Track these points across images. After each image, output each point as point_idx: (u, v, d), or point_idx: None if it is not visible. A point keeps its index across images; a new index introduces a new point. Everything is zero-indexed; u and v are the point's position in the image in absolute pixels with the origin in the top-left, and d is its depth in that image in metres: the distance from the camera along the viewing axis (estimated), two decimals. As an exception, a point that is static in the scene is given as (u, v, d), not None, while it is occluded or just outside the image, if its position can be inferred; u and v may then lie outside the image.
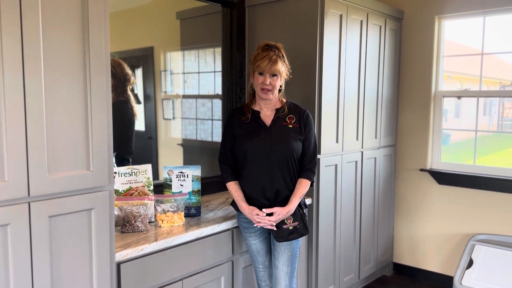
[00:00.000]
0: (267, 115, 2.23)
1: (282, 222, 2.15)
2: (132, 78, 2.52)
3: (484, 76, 3.39)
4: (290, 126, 2.21)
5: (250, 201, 2.21)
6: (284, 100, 2.27)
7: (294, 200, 2.18)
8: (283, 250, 2.20)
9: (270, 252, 2.29)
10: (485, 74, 3.39)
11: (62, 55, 1.52)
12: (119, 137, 2.47)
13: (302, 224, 2.19)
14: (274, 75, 2.13)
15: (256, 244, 2.26)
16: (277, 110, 2.24)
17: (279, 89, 2.21)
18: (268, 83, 2.12)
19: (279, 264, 2.21)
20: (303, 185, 2.21)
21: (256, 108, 2.25)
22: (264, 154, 2.15)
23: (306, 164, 2.25)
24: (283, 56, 2.16)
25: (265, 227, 2.17)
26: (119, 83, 2.47)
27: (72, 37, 1.54)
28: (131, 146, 2.58)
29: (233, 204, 2.30)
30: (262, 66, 2.10)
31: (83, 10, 1.56)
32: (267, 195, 2.18)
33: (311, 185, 2.27)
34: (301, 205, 2.25)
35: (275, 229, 2.16)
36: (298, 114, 2.25)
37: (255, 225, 2.21)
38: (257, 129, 2.20)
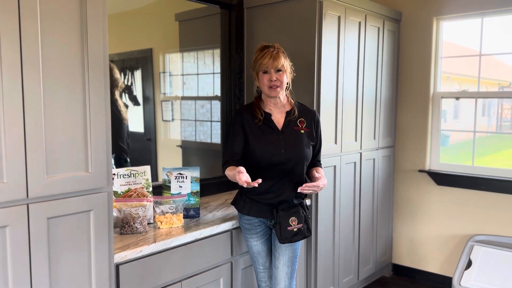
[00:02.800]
0: (277, 118, 2.17)
1: (287, 223, 2.13)
2: (121, 82, 2.50)
3: (483, 77, 3.40)
4: (302, 131, 2.17)
5: (254, 203, 2.19)
6: (293, 101, 2.23)
7: (323, 176, 2.15)
8: (284, 251, 2.20)
9: (271, 253, 2.29)
10: (483, 75, 3.39)
11: (61, 57, 1.53)
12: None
13: (306, 226, 2.17)
14: (279, 70, 2.09)
15: (257, 245, 2.25)
16: (287, 113, 2.18)
17: (287, 86, 2.17)
18: (275, 79, 2.08)
19: (280, 265, 2.21)
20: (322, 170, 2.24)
21: (266, 110, 2.19)
22: (277, 163, 2.11)
23: (315, 157, 2.28)
24: (283, 52, 2.13)
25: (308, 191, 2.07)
26: None
27: (70, 40, 1.55)
28: (123, 146, 2.56)
29: (235, 204, 2.29)
30: (264, 62, 2.07)
31: (81, 12, 1.57)
32: (272, 202, 2.16)
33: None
34: (305, 207, 2.23)
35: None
36: (308, 117, 2.21)
37: (256, 227, 2.22)
38: (269, 134, 2.13)
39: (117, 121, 2.50)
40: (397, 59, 3.59)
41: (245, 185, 1.89)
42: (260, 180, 1.91)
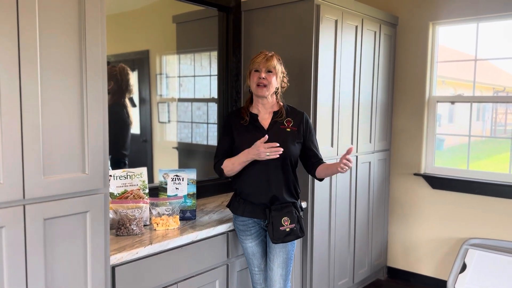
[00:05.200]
0: (264, 118, 2.25)
1: (279, 223, 2.15)
2: (133, 88, 2.54)
3: (478, 82, 3.42)
4: (288, 129, 2.23)
5: (248, 204, 2.22)
6: (282, 104, 2.29)
7: (332, 164, 2.22)
8: (278, 252, 2.21)
9: (265, 255, 2.30)
10: (478, 79, 3.42)
11: (59, 58, 1.52)
12: (113, 139, 2.47)
13: (299, 226, 2.20)
14: (269, 71, 2.17)
15: (252, 247, 2.26)
16: (275, 113, 2.26)
17: (276, 91, 2.24)
18: (263, 77, 2.15)
19: (274, 267, 2.22)
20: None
21: (254, 111, 2.27)
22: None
23: (317, 157, 2.32)
24: (279, 58, 2.23)
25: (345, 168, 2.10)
26: (119, 89, 2.48)
27: (68, 40, 1.55)
28: (125, 148, 2.57)
29: (229, 206, 2.31)
30: (258, 61, 2.17)
31: (80, 13, 1.57)
32: (264, 199, 2.19)
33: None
34: (298, 208, 2.26)
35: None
36: (296, 117, 2.27)
37: (253, 229, 2.22)
38: (255, 132, 2.20)
39: (124, 123, 2.53)
40: (393, 63, 3.61)
41: (261, 147, 2.04)
42: (266, 136, 2.07)
